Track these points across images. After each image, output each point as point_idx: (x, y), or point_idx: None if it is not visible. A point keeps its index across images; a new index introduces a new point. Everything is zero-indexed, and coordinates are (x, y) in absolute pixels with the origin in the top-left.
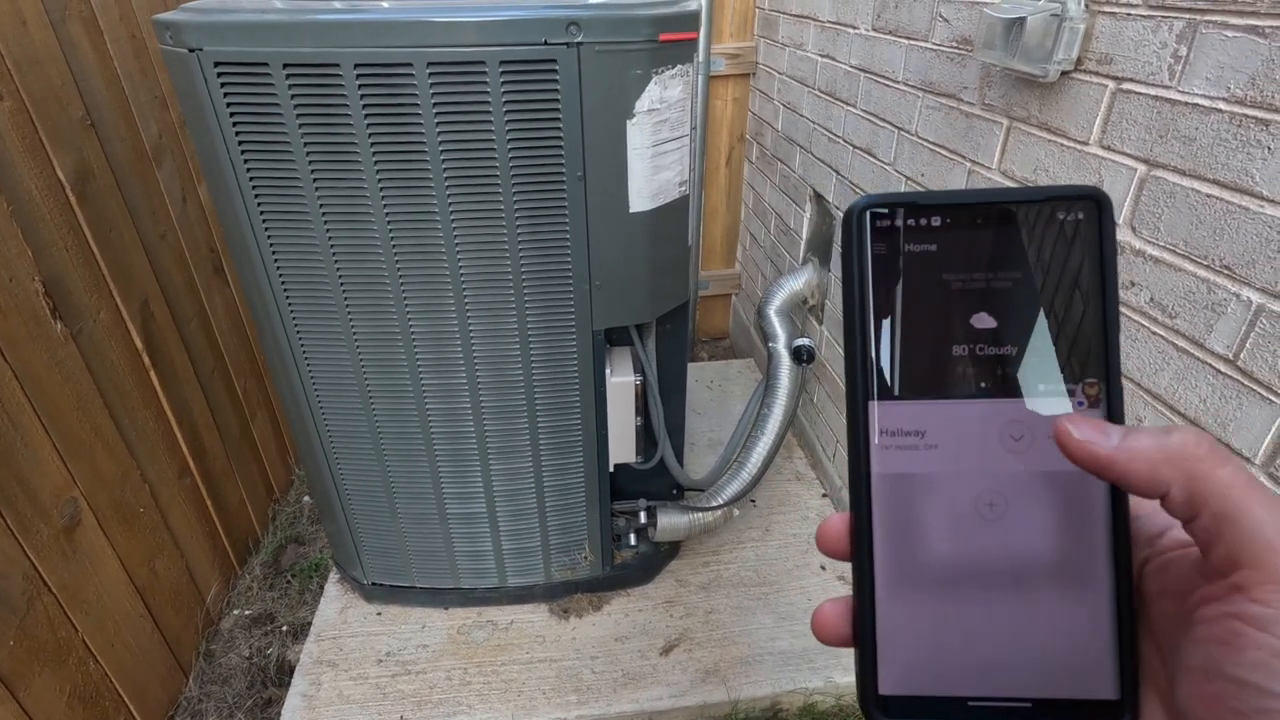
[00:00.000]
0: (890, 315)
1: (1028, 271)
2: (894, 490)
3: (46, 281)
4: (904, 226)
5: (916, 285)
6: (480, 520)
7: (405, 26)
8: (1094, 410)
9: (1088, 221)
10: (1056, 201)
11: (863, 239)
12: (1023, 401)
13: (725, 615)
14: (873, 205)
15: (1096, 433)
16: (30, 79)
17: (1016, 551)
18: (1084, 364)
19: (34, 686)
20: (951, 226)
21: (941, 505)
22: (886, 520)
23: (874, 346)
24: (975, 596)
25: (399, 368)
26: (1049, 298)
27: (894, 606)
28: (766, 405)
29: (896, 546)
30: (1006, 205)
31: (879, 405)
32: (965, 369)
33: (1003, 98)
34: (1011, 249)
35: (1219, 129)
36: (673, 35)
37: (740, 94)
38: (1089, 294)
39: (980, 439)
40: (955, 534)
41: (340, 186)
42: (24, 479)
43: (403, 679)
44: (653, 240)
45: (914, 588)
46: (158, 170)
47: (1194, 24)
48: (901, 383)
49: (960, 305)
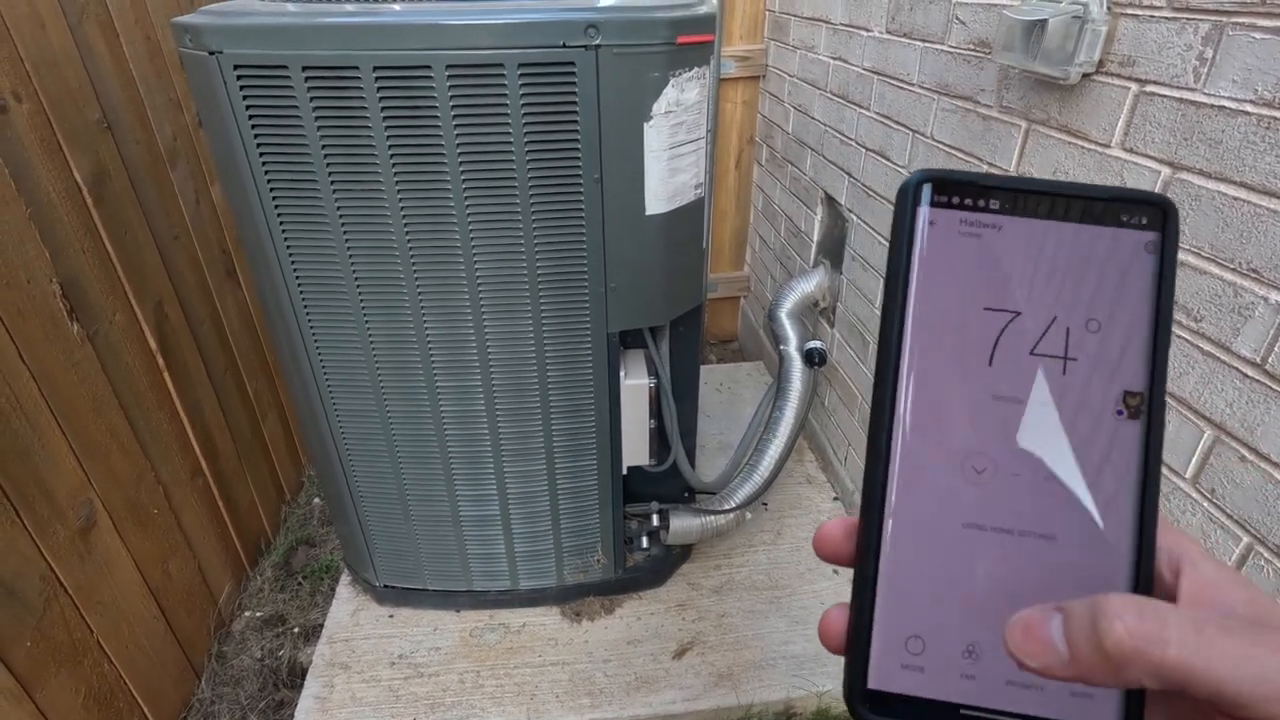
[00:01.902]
0: (938, 306)
1: (1083, 269)
2: (915, 492)
3: (64, 283)
4: (961, 204)
5: (971, 272)
6: (493, 522)
7: (424, 29)
8: (1132, 421)
9: (1151, 228)
10: (1123, 204)
11: (916, 214)
12: (1061, 411)
13: (737, 618)
14: (930, 179)
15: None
16: (48, 81)
17: (1028, 567)
18: (1131, 373)
19: (50, 687)
20: (1010, 212)
21: (962, 515)
22: (901, 531)
23: (908, 358)
24: (983, 608)
25: (414, 369)
26: (1103, 300)
27: (895, 614)
28: (778, 408)
29: (907, 564)
30: (1073, 197)
31: (913, 396)
32: (1010, 368)
33: (1021, 100)
34: (1071, 244)
35: (1246, 131)
36: (690, 38)
37: (750, 97)
38: (1146, 302)
39: (1007, 447)
40: (971, 545)
41: (358, 189)
42: (41, 480)
43: (415, 681)
44: (668, 243)
45: (919, 599)
46: (172, 172)
47: (1220, 25)
48: (934, 382)
49: (1014, 301)
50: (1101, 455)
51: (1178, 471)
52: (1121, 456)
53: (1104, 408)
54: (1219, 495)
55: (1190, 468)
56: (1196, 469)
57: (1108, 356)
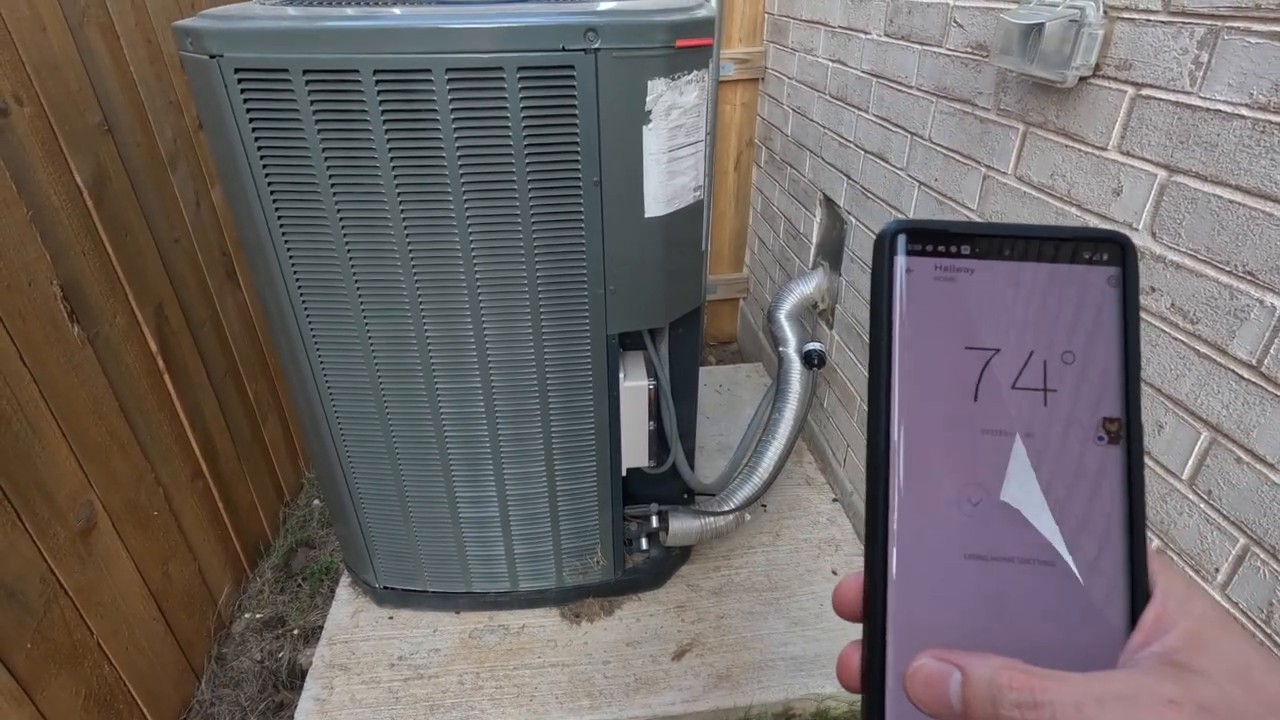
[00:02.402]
0: (921, 348)
1: (1053, 305)
2: (915, 529)
3: (64, 285)
4: (934, 251)
5: (949, 315)
6: (493, 524)
7: (424, 33)
8: (1113, 446)
9: (1112, 263)
10: (1083, 242)
11: (894, 264)
12: (1046, 440)
13: (737, 620)
14: (905, 229)
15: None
16: (49, 84)
17: (1029, 593)
18: (1108, 400)
19: (50, 689)
20: (981, 256)
21: (960, 547)
22: (904, 567)
23: (897, 385)
24: (988, 635)
25: (413, 371)
26: (1075, 333)
27: (907, 649)
28: (777, 409)
29: (913, 599)
30: (1037, 239)
31: (905, 434)
32: (994, 403)
33: (1019, 103)
34: (1040, 282)
35: (1241, 135)
36: (689, 41)
37: (749, 99)
38: (1114, 332)
39: (998, 478)
40: (973, 576)
41: (358, 192)
42: (41, 482)
43: (415, 683)
44: (667, 245)
45: (928, 632)
46: (172, 175)
47: (1215, 30)
48: (923, 422)
49: (991, 339)
50: (1088, 480)
51: (1174, 473)
52: (1106, 480)
53: (1086, 435)
54: (1215, 497)
55: (1187, 470)
56: (1193, 471)
57: (1085, 386)
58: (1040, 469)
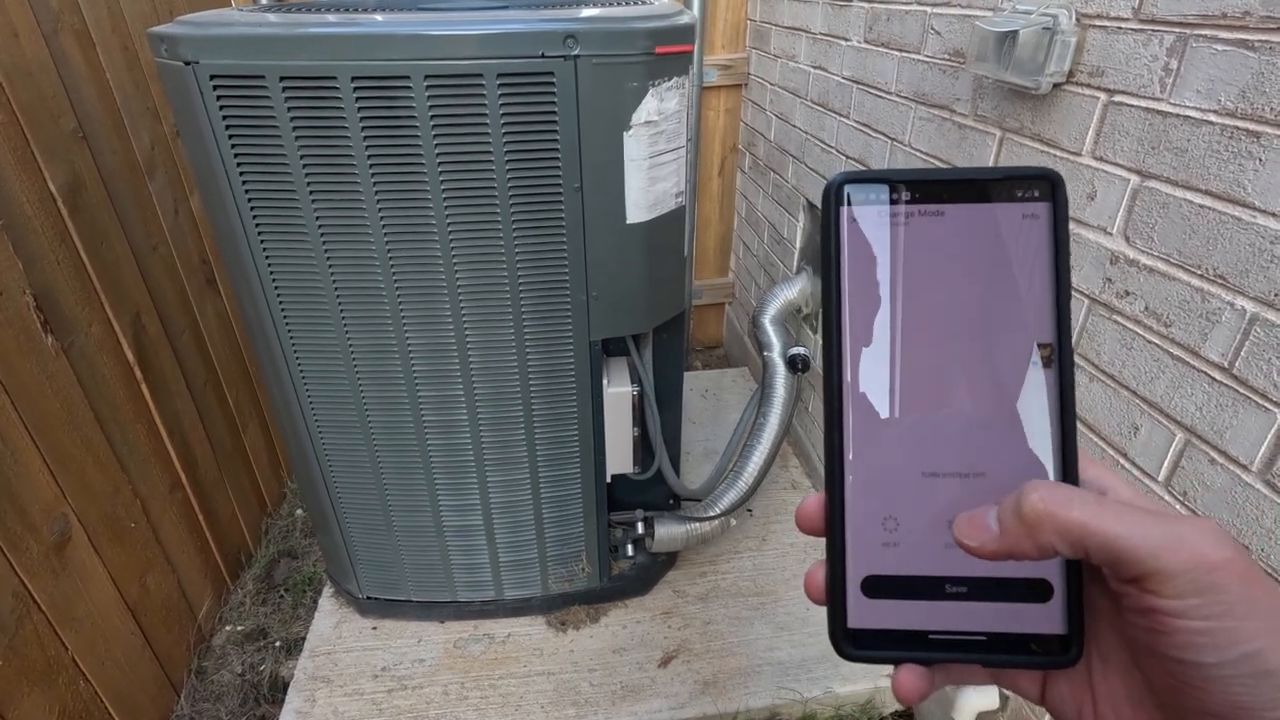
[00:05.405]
0: (868, 289)
1: (991, 241)
2: (866, 454)
3: (38, 294)
4: (878, 199)
5: (893, 257)
6: (477, 532)
7: (402, 39)
8: (1048, 370)
9: (1043, 199)
10: (1015, 180)
11: (839, 213)
12: (991, 366)
13: (723, 626)
14: (849, 180)
15: (978, 527)
16: (22, 90)
17: (968, 498)
18: (1041, 327)
19: (23, 707)
20: (922, 200)
21: (910, 464)
22: (858, 484)
23: (848, 325)
24: (940, 544)
25: (395, 380)
26: (1013, 266)
27: (863, 559)
28: (762, 414)
29: (867, 513)
30: (972, 181)
31: (856, 368)
32: (940, 334)
33: (995, 109)
34: (978, 221)
35: (1211, 141)
36: (669, 48)
37: (732, 105)
38: (1046, 263)
39: (952, 402)
40: (921, 489)
41: (337, 199)
42: (13, 495)
43: (399, 694)
44: (649, 251)
45: (883, 544)
46: (150, 182)
47: (1184, 38)
48: (878, 355)
49: (932, 277)
50: (1025, 400)
51: (1151, 475)
52: (1040, 400)
53: (1023, 360)
54: (1190, 498)
55: (1163, 471)
56: (1169, 472)
57: (1021, 315)
58: (982, 392)
